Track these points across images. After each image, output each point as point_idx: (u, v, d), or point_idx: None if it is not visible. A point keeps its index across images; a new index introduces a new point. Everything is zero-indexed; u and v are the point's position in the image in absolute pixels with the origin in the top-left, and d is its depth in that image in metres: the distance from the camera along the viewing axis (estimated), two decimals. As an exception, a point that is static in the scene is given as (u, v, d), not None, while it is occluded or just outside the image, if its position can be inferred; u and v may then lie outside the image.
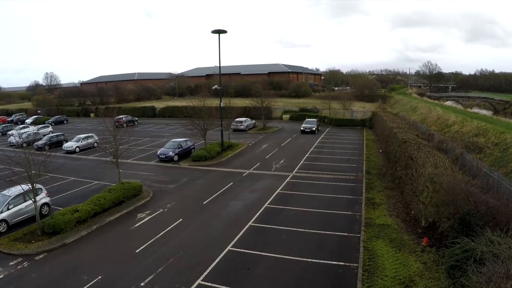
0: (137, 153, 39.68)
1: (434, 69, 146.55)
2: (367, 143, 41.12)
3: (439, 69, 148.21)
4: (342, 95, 73.43)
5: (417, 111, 66.36)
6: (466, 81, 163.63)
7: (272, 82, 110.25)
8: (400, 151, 25.68)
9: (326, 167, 30.63)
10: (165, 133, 53.45)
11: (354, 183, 26.25)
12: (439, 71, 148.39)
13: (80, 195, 25.03)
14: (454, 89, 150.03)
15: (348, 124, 57.50)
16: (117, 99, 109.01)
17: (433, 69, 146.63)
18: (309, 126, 51.82)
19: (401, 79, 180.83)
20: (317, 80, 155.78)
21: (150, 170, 31.82)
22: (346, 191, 24.27)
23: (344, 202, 22.33)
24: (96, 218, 20.66)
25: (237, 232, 18.09)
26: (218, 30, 35.16)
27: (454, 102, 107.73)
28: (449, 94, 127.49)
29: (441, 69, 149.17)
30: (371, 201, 21.89)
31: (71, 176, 30.50)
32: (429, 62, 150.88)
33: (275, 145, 41.79)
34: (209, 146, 36.18)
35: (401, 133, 29.39)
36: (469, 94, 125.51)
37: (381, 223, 18.58)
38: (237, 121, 53.75)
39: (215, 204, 22.58)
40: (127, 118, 66.47)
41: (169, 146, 36.20)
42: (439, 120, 49.99)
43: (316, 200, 22.58)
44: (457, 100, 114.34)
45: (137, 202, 23.07)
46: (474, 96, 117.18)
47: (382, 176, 27.37)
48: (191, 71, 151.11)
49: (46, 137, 47.03)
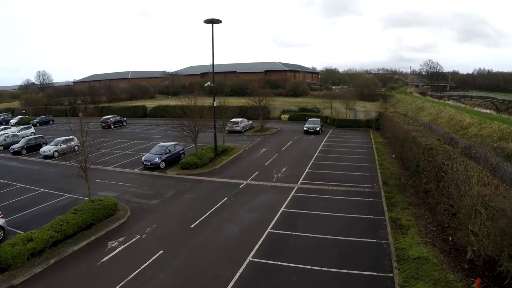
0: (120, 158, 35.43)
1: (435, 68, 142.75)
2: (377, 147, 37.07)
3: (440, 68, 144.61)
4: (344, 94, 69.52)
5: (424, 111, 62.57)
6: (464, 80, 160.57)
7: (269, 81, 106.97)
8: (426, 159, 21.62)
9: (336, 177, 26.55)
10: (154, 135, 49.18)
11: (371, 197, 22.20)
12: (440, 70, 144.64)
13: (47, 212, 20.83)
14: (452, 88, 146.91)
15: (352, 125, 53.42)
16: (109, 98, 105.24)
17: (434, 67, 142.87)
18: (313, 126, 47.86)
19: (398, 78, 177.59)
20: (315, 78, 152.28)
21: (132, 180, 27.59)
22: (364, 209, 20.20)
23: (365, 224, 18.25)
24: (57, 248, 16.45)
25: (233, 272, 13.90)
26: (211, 19, 31.04)
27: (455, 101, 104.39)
28: (451, 94, 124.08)
29: (442, 67, 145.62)
30: (397, 223, 17.83)
31: (42, 186, 26.30)
32: (430, 61, 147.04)
33: (275, 149, 37.68)
34: (200, 151, 31.99)
35: (421, 137, 25.32)
36: (468, 93, 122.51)
37: (416, 256, 14.52)
38: (232, 121, 49.58)
39: (206, 228, 18.37)
40: (114, 118, 61.96)
41: (155, 152, 31.94)
42: (452, 121, 46.15)
43: (330, 222, 18.49)
44: (458, 99, 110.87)
45: (110, 225, 18.84)
46: (476, 96, 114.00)
47: (402, 188, 23.34)
48: (185, 70, 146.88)
49: (23, 140, 42.56)
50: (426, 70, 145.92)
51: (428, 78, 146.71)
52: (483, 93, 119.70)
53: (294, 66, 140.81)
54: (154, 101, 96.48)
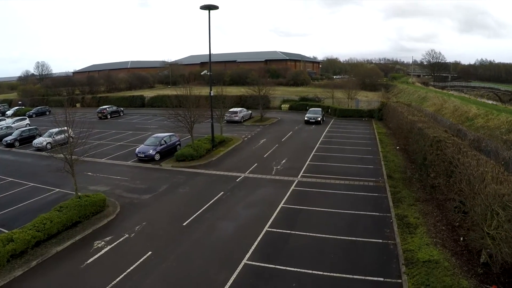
0: (114, 150, 34.23)
1: (437, 58, 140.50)
2: (380, 138, 35.79)
3: (443, 58, 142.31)
4: (346, 83, 67.98)
5: (427, 101, 61.11)
6: (466, 71, 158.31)
7: (269, 70, 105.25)
8: (434, 152, 20.37)
9: (338, 170, 25.33)
10: (151, 125, 47.94)
11: (376, 192, 20.99)
12: (443, 60, 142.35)
13: (34, 208, 19.68)
14: (454, 78, 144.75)
15: (355, 115, 52.04)
16: (108, 88, 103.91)
17: (437, 57, 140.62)
18: (314, 116, 46.52)
19: (400, 68, 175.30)
20: (315, 68, 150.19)
21: (124, 173, 26.40)
22: (369, 205, 19.02)
23: (369, 222, 17.07)
24: (39, 249, 15.31)
25: (226, 277, 12.73)
26: (208, 5, 29.58)
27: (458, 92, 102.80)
28: (453, 84, 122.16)
29: (444, 58, 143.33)
30: (404, 221, 16.65)
31: (31, 180, 25.18)
32: (432, 51, 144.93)
33: (275, 140, 36.43)
34: (197, 142, 30.75)
35: (428, 129, 24.02)
36: (471, 84, 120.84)
37: (426, 259, 13.35)
38: (231, 111, 48.22)
39: (199, 226, 17.18)
40: (111, 108, 60.56)
41: (149, 143, 30.70)
42: (457, 111, 44.79)
43: (333, 220, 17.32)
44: (461, 90, 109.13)
45: (98, 223, 17.69)
46: (479, 86, 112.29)
47: (408, 183, 22.14)
48: (185, 59, 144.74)
49: (16, 132, 41.33)
50: (428, 60, 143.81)
51: (430, 68, 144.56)
52: (485, 83, 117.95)
53: (295, 55, 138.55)
54: (153, 90, 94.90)
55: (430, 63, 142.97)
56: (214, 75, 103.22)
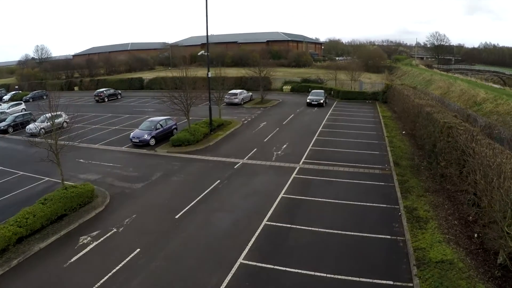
0: (109, 134, 33.01)
1: (442, 40, 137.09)
2: (385, 122, 34.39)
3: (447, 40, 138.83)
4: (349, 65, 66.07)
5: (433, 84, 59.33)
6: (470, 54, 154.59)
7: (271, 51, 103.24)
8: (444, 139, 19.05)
9: (342, 156, 24.07)
10: (149, 108, 46.55)
11: (383, 180, 19.76)
12: (447, 43, 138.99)
13: (21, 199, 18.57)
14: (457, 61, 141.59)
15: (358, 97, 50.37)
16: (107, 71, 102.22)
17: (441, 39, 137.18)
18: (316, 98, 45.01)
19: (403, 50, 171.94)
20: (318, 49, 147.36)
21: (117, 160, 25.23)
22: (376, 195, 17.80)
23: (376, 215, 15.88)
24: (22, 246, 14.21)
25: (220, 279, 11.59)
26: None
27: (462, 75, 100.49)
28: (458, 67, 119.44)
29: (449, 40, 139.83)
30: (414, 215, 15.46)
31: (21, 169, 24.02)
32: (437, 33, 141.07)
33: (276, 123, 35.08)
34: (194, 126, 29.46)
35: (437, 113, 22.62)
36: (475, 67, 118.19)
37: (438, 259, 12.20)
38: (231, 93, 46.73)
39: (192, 218, 16.03)
40: (108, 91, 59.01)
41: (144, 127, 29.41)
42: (464, 95, 43.14)
43: (336, 212, 16.15)
44: (465, 73, 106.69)
45: (85, 215, 16.56)
46: (484, 70, 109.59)
47: (416, 170, 20.90)
48: (186, 40, 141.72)
49: (10, 118, 40.11)
50: (432, 43, 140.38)
51: (434, 50, 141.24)
52: (490, 67, 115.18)
53: (297, 36, 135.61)
54: (153, 72, 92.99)
55: (434, 45, 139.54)
56: (214, 56, 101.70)
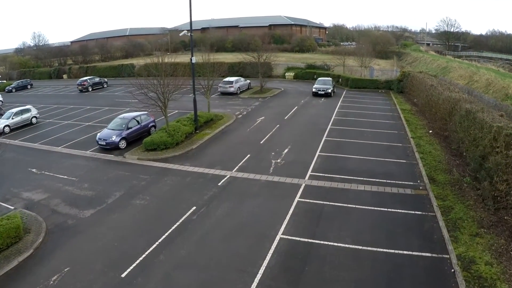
0: (78, 133, 27.87)
1: (452, 25, 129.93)
2: (406, 117, 28.77)
3: (458, 26, 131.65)
4: (358, 50, 60.12)
5: (451, 72, 53.16)
6: (478, 40, 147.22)
7: (273, 35, 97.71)
8: (502, 152, 13.55)
9: (360, 166, 18.67)
10: (133, 99, 40.99)
11: (419, 207, 14.35)
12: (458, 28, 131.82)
13: None
14: (464, 48, 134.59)
15: (370, 86, 44.41)
16: (103, 57, 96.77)
17: (452, 24, 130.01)
18: (323, 87, 39.28)
19: (409, 35, 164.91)
20: (322, 34, 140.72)
21: (75, 170, 19.98)
22: (414, 236, 12.42)
23: (418, 273, 10.56)
24: None
25: None
26: None
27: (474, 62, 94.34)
28: (469, 53, 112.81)
29: (460, 26, 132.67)
30: (473, 272, 10.18)
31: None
32: (448, 18, 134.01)
33: (276, 118, 29.64)
34: (175, 124, 24.17)
35: (481, 112, 17.11)
36: (486, 54, 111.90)
37: None
38: (225, 81, 41.29)
39: (144, 280, 10.76)
40: (93, 80, 53.51)
41: (114, 126, 24.10)
42: (491, 86, 37.21)
43: (359, 270, 10.83)
44: (477, 60, 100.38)
45: (4, 265, 11.38)
46: (496, 57, 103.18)
47: (458, 189, 15.52)
48: (185, 25, 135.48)
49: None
50: (442, 28, 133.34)
51: (444, 36, 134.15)
52: (500, 55, 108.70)
53: (301, 20, 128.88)
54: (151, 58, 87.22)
55: (445, 31, 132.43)
56: (214, 41, 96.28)
